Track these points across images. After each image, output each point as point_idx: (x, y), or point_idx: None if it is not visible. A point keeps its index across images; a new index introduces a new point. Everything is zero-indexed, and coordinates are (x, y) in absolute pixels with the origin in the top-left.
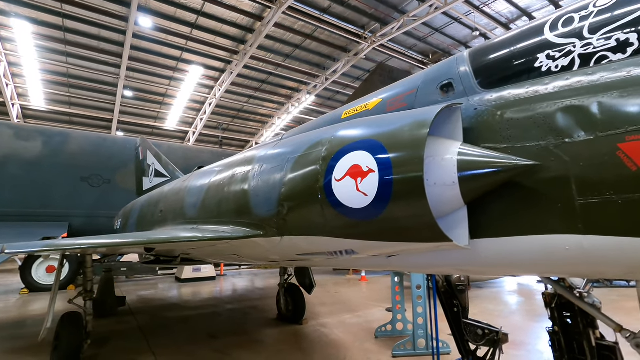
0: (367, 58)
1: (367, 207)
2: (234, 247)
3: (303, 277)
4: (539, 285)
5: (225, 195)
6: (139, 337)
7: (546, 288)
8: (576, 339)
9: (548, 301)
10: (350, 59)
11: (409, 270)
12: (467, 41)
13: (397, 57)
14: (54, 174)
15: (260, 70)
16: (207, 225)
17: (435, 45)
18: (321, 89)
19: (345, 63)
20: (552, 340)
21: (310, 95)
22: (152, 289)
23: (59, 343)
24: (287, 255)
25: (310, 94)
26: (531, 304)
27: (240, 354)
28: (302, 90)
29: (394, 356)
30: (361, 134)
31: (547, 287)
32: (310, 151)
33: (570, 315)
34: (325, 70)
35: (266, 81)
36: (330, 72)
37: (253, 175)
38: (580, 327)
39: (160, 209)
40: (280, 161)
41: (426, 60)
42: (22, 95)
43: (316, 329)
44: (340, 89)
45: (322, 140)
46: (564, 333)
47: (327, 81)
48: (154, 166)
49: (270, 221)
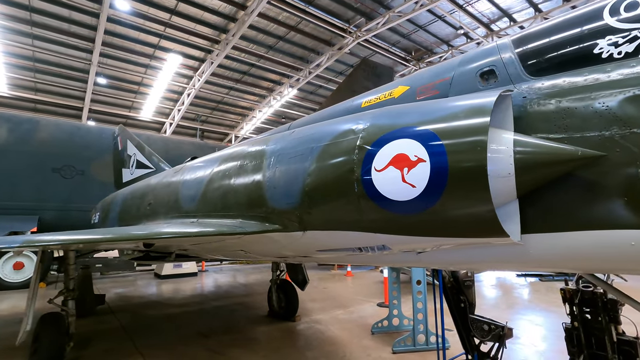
0: (351, 53)
1: (414, 199)
2: (244, 243)
3: (295, 273)
4: (518, 279)
5: (233, 187)
6: (123, 337)
7: (566, 284)
8: (595, 334)
9: (568, 297)
10: (334, 52)
11: (440, 266)
12: (450, 39)
13: (381, 53)
14: (22, 164)
15: (242, 61)
16: (209, 219)
17: (418, 43)
18: (304, 83)
19: (329, 57)
20: (569, 336)
21: (292, 89)
22: (131, 286)
23: (39, 346)
24: (306, 251)
25: (292, 88)
26: (511, 298)
27: (235, 352)
28: (285, 84)
29: (394, 352)
30: (405, 121)
31: (567, 283)
32: (340, 139)
33: (591, 311)
34: (309, 63)
35: (248, 73)
36: (314, 66)
37: (268, 165)
38: (602, 323)
39: (148, 202)
40: (302, 150)
41: (409, 57)
42: None
43: (310, 325)
44: (323, 83)
45: (355, 128)
46: (584, 328)
47: (310, 75)
48: (135, 157)
49: (291, 215)
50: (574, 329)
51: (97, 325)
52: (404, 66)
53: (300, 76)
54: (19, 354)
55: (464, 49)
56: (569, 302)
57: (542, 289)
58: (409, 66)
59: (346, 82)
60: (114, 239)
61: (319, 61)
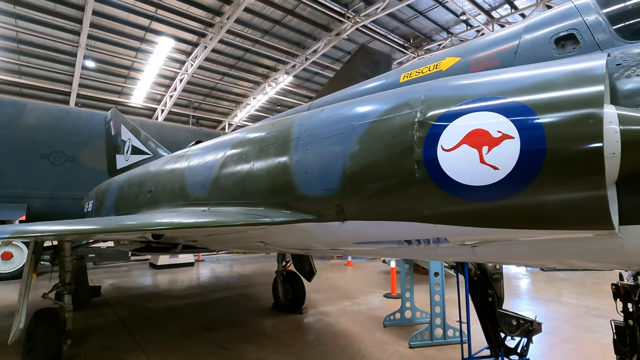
0: (349, 39)
1: (496, 184)
2: (267, 234)
3: (302, 263)
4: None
5: (252, 173)
6: (122, 332)
7: (621, 279)
8: None
9: (623, 293)
10: (331, 38)
11: (497, 261)
12: (449, 27)
13: (379, 39)
14: (8, 149)
15: (236, 45)
16: (223, 208)
17: (417, 29)
18: (300, 69)
19: (327, 43)
20: (620, 335)
21: (288, 76)
22: (126, 277)
23: (34, 345)
24: (340, 243)
25: (288, 74)
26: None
27: (243, 348)
28: (280, 70)
29: (410, 346)
30: (481, 91)
31: (622, 278)
32: (390, 115)
33: None
34: (305, 49)
35: (242, 58)
36: (311, 52)
37: (296, 147)
38: None
39: (148, 190)
40: (340, 129)
41: (407, 44)
42: None
43: (318, 318)
44: (319, 70)
45: (410, 100)
46: None
47: (306, 61)
48: (130, 142)
49: (328, 203)
50: (628, 327)
51: (93, 319)
52: (402, 53)
53: (297, 62)
54: (10, 351)
55: (464, 37)
56: (623, 299)
57: (544, 279)
58: (407, 53)
59: (344, 68)
60: (120, 228)
61: (316, 47)
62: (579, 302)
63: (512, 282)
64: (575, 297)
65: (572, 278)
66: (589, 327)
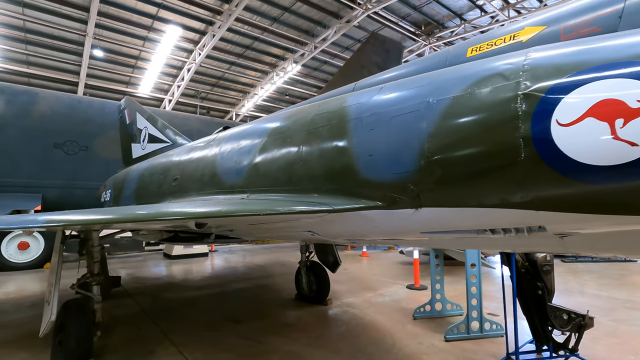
0: (359, 26)
1: (631, 163)
2: (319, 223)
3: (326, 254)
4: None
5: (301, 157)
6: (147, 322)
7: None
8: None
9: None
10: (342, 26)
11: (587, 253)
12: (463, 12)
13: (390, 27)
14: (22, 139)
15: (244, 34)
16: (266, 195)
17: (430, 16)
18: (309, 58)
19: (337, 30)
20: None
21: (296, 65)
22: (142, 267)
23: (65, 337)
24: (406, 232)
25: (296, 63)
26: None
27: (274, 340)
28: (288, 59)
29: (446, 340)
30: (612, 55)
31: None
32: (479, 89)
33: None
34: (315, 37)
35: (250, 47)
36: (320, 40)
37: (355, 128)
38: None
39: (173, 178)
40: (412, 106)
41: (418, 31)
42: None
43: (344, 309)
44: (328, 59)
45: (504, 71)
46: None
47: (315, 49)
48: (146, 130)
49: (400, 188)
50: None
51: (116, 309)
52: (412, 41)
53: (306, 50)
54: (36, 342)
55: (478, 24)
56: None
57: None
58: (418, 41)
59: (355, 56)
60: (162, 216)
61: (326, 35)
62: (610, 295)
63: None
64: (604, 290)
65: (595, 270)
66: (628, 320)
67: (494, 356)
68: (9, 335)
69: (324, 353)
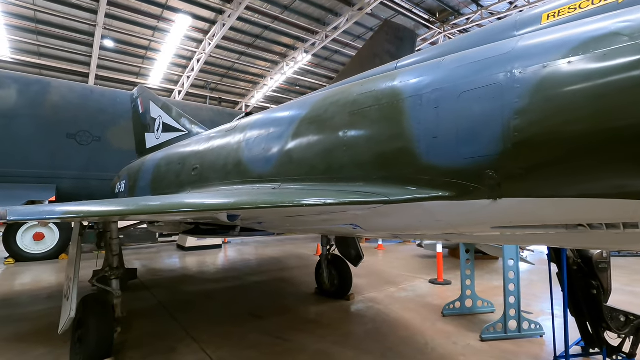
0: (372, 14)
1: None
2: (367, 215)
3: (347, 247)
4: None
5: (344, 142)
6: (166, 317)
7: None
8: None
9: None
10: (354, 13)
11: None
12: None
13: (404, 14)
14: (35, 129)
15: (255, 23)
16: (301, 185)
17: (445, 2)
18: (320, 47)
19: (349, 18)
20: None
21: (307, 54)
22: (157, 259)
23: (84, 334)
24: (473, 226)
25: (307, 53)
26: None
27: (300, 338)
28: (299, 48)
29: (482, 339)
30: None
31: None
32: (590, 51)
33: None
34: (326, 26)
35: (260, 36)
36: (331, 29)
37: (414, 106)
38: None
39: (192, 167)
40: (492, 79)
41: (433, 18)
42: None
43: (368, 305)
44: (339, 48)
45: (624, 29)
46: None
47: (327, 38)
48: (161, 119)
49: (474, 175)
50: None
51: (133, 302)
52: (426, 29)
53: (317, 39)
54: (55, 337)
55: (495, 10)
56: None
57: None
58: (433, 29)
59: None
60: (193, 207)
61: (337, 23)
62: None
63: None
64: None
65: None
66: None
67: (537, 358)
68: (27, 329)
69: (354, 353)
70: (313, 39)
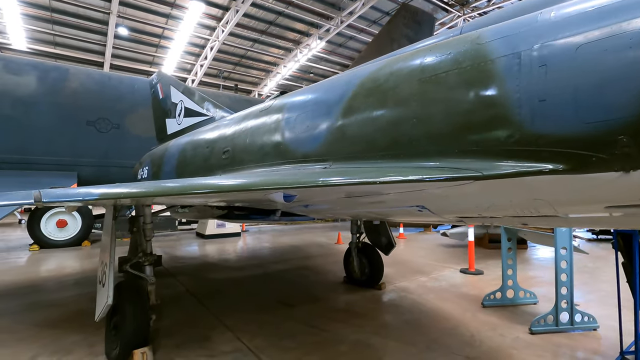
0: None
1: None
2: (439, 196)
3: (378, 235)
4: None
5: (415, 113)
6: (195, 304)
7: None
8: None
9: None
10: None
11: None
12: None
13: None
14: (55, 116)
15: (268, 8)
16: (359, 163)
17: None
18: (335, 33)
19: (365, 2)
20: None
21: (321, 41)
22: (178, 246)
23: (121, 322)
24: (588, 205)
25: (321, 39)
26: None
27: (336, 327)
28: (313, 35)
29: (532, 332)
30: None
31: None
32: None
33: None
34: (341, 10)
35: (274, 22)
36: (347, 14)
37: (512, 65)
38: None
39: (223, 150)
40: (621, 27)
41: (451, 1)
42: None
43: (401, 295)
44: (355, 34)
45: None
46: None
47: (342, 24)
48: (182, 104)
49: (599, 143)
50: None
51: (160, 290)
52: (445, 12)
53: (332, 25)
54: (86, 323)
55: None
56: None
57: None
58: (452, 12)
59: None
60: (254, 186)
61: (353, 7)
62: None
63: (579, 264)
64: None
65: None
66: None
67: (596, 353)
68: (57, 315)
69: (396, 344)
70: (328, 25)
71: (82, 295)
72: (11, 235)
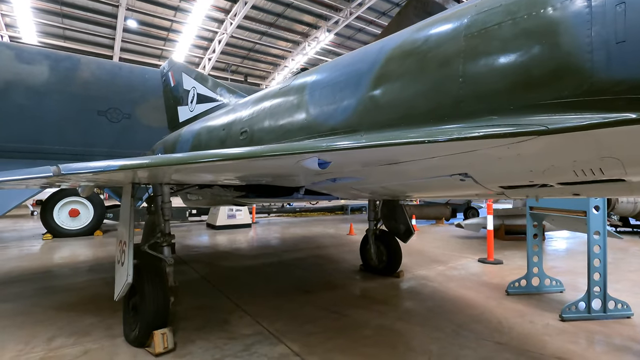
0: None
1: None
2: (491, 157)
3: (396, 222)
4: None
5: (462, 72)
6: (212, 290)
7: None
8: None
9: None
10: None
11: None
12: None
13: None
14: (67, 106)
15: (276, 1)
16: (394, 131)
17: None
18: (343, 25)
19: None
20: None
21: (329, 33)
22: (189, 236)
23: (141, 302)
24: None
25: (330, 32)
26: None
27: (357, 313)
28: (321, 27)
29: (563, 319)
30: None
31: None
32: None
33: None
34: (350, 2)
35: (282, 15)
36: (356, 5)
37: (577, 7)
38: None
39: (240, 131)
40: None
41: None
42: (10, 26)
43: (421, 282)
44: (364, 25)
45: None
46: None
47: (351, 15)
48: (195, 91)
49: None
50: None
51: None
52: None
53: (340, 17)
54: (102, 306)
55: None
56: None
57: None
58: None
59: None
60: (288, 149)
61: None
62: None
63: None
64: None
65: None
66: None
67: (634, 340)
68: (73, 299)
69: (422, 329)
70: (336, 17)
71: (97, 280)
72: (24, 226)
